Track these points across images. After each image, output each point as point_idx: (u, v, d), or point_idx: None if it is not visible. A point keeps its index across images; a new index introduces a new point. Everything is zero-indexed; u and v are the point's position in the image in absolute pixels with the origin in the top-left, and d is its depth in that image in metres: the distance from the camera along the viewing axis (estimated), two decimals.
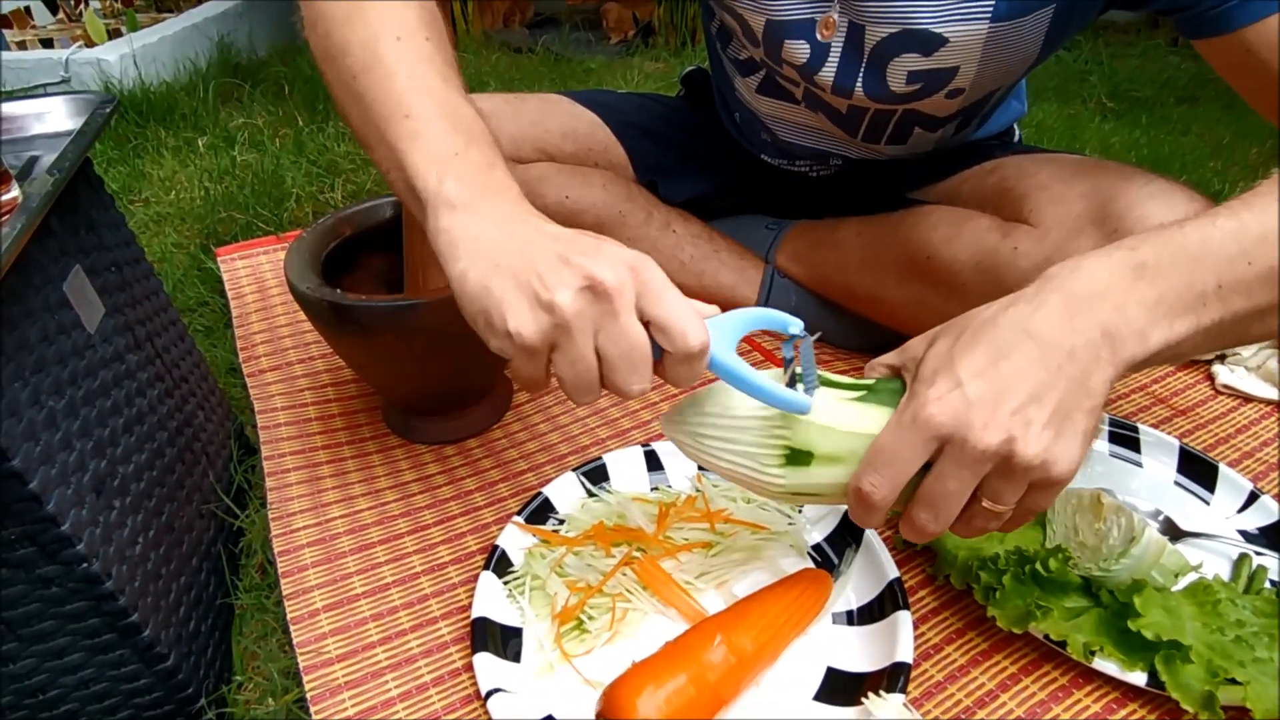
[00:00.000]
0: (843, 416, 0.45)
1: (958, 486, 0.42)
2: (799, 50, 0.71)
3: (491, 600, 0.57)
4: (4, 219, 0.45)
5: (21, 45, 1.92)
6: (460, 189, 0.45)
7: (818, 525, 0.64)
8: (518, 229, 0.44)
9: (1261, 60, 0.54)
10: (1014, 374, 0.41)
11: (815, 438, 0.44)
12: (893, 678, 0.51)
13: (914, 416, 0.42)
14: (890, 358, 0.48)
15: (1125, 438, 0.73)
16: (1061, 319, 0.42)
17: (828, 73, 0.71)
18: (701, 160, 0.96)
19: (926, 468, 0.43)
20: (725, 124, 0.95)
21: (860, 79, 0.70)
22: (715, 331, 0.43)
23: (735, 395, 0.46)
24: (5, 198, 0.48)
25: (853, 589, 0.59)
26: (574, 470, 0.69)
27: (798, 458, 0.45)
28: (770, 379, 0.45)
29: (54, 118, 0.60)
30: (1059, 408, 0.41)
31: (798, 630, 0.56)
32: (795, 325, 0.46)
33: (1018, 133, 0.92)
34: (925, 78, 0.68)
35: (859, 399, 0.46)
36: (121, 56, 1.74)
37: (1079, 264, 0.44)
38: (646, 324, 0.41)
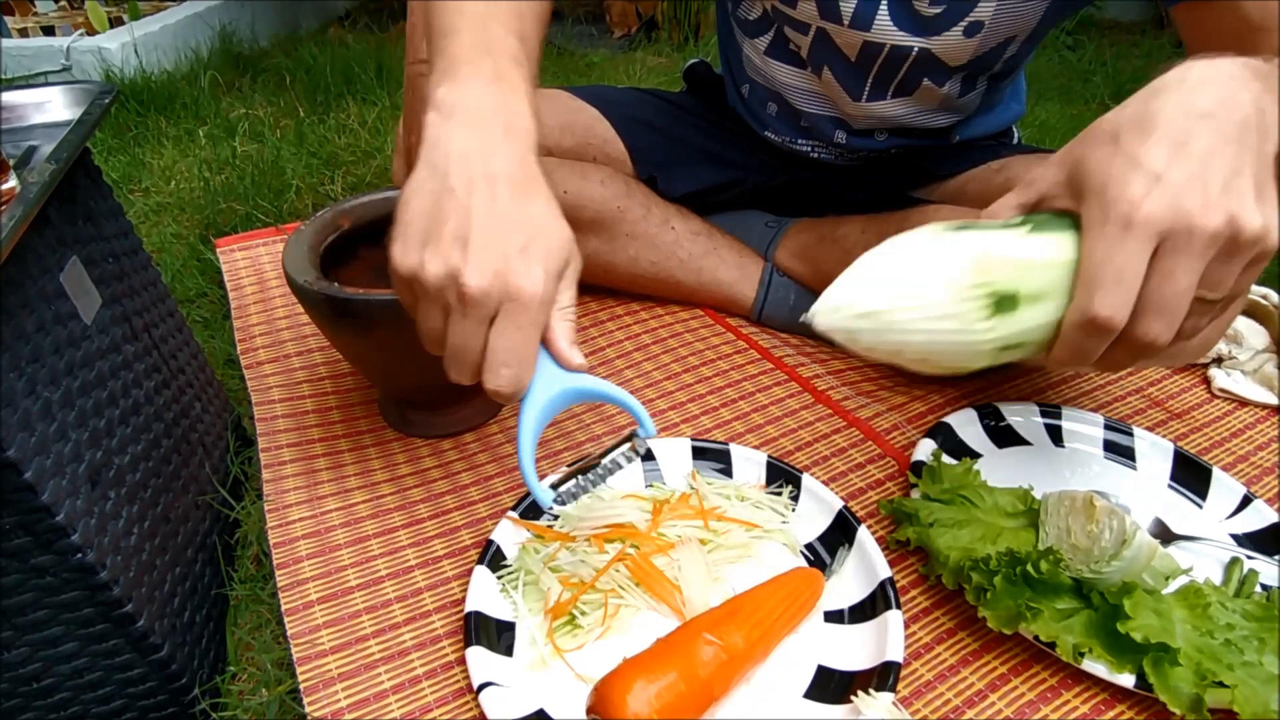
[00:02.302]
0: (1034, 250, 0.43)
1: (1189, 281, 0.39)
2: None
3: (485, 594, 0.58)
4: (1, 208, 0.45)
5: (23, 32, 1.92)
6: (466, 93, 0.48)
7: (811, 524, 0.64)
8: (481, 160, 0.46)
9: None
10: (1208, 154, 0.40)
11: (1019, 276, 0.42)
12: (883, 676, 0.51)
13: (1126, 222, 0.40)
14: (1014, 196, 0.47)
15: (1120, 440, 0.73)
16: (1221, 97, 0.41)
17: (849, 2, 0.70)
18: (702, 155, 0.96)
19: None
20: (731, 101, 0.94)
21: (885, 3, 0.69)
22: (546, 385, 0.47)
23: (917, 252, 0.44)
24: (3, 187, 0.48)
25: (845, 588, 0.59)
26: (568, 465, 0.69)
27: (1004, 304, 0.42)
28: (533, 469, 0.48)
29: (53, 107, 0.60)
30: (1257, 178, 0.39)
31: (789, 628, 0.56)
32: (649, 427, 0.49)
33: (1016, 134, 0.92)
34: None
35: (1030, 232, 0.43)
36: (123, 45, 1.74)
37: (1187, 67, 0.43)
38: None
